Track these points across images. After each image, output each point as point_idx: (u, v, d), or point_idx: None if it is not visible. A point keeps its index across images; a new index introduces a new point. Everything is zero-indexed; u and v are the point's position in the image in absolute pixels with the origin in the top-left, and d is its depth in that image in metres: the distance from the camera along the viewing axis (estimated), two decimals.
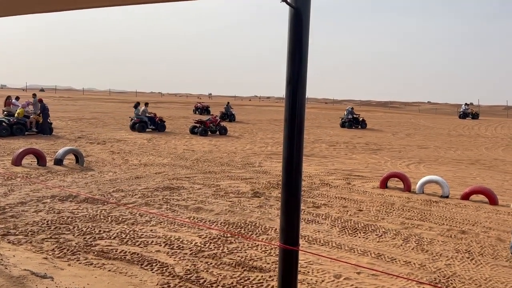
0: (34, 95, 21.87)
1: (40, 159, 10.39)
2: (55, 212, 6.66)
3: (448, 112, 61.82)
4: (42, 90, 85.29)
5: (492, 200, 8.77)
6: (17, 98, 19.56)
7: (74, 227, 6.05)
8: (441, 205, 8.53)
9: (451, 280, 4.96)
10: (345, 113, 29.69)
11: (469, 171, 13.69)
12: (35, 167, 10.09)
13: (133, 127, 20.48)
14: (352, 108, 30.76)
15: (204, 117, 24.57)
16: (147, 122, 20.63)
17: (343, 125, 28.81)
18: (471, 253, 5.87)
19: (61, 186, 8.49)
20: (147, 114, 21.07)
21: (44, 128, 17.12)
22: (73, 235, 5.73)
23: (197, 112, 36.15)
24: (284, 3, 2.51)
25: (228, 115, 29.93)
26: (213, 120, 21.07)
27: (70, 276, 4.42)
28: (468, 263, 5.51)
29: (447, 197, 9.16)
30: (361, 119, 29.24)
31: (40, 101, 17.98)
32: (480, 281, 4.96)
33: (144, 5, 3.10)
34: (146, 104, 22.38)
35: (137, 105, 21.73)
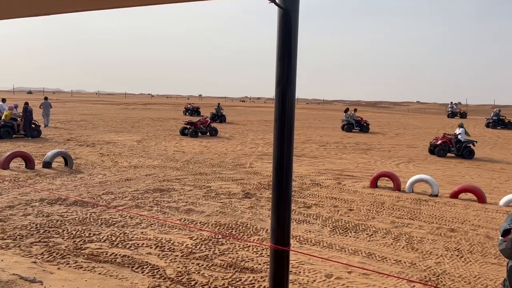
0: (46, 98, 21.99)
1: (28, 162, 10.28)
2: (44, 216, 6.59)
3: (437, 111, 62.39)
4: (30, 92, 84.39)
5: (481, 198, 8.87)
6: (4, 100, 19.29)
7: (64, 230, 5.99)
8: (431, 203, 8.60)
9: (441, 278, 5.00)
10: (491, 115, 33.19)
11: (458, 169, 13.84)
12: (23, 170, 9.98)
13: (343, 128, 26.04)
14: (499, 111, 33.35)
15: (195, 118, 24.51)
16: (353, 124, 25.92)
17: (487, 125, 32.09)
18: (461, 251, 5.94)
19: (50, 189, 8.40)
20: (355, 118, 26.34)
21: (26, 131, 16.89)
22: (63, 238, 5.68)
23: (187, 114, 36.02)
24: (273, 4, 2.51)
25: (218, 116, 29.88)
26: (203, 121, 21.02)
27: (60, 280, 4.38)
28: (458, 261, 5.57)
29: (436, 195, 9.25)
30: (507, 121, 32.05)
31: (25, 103, 17.76)
32: (469, 279, 5.01)
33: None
34: (355, 110, 28.05)
35: (346, 110, 27.10)
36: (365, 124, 26.40)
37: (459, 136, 17.02)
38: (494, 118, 32.28)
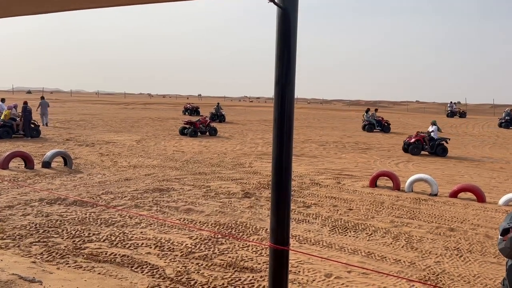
0: (43, 98, 22.24)
1: (28, 162, 10.27)
2: (44, 216, 6.58)
3: (436, 111, 62.39)
4: (29, 92, 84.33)
5: (480, 197, 8.88)
6: (3, 100, 19.26)
7: (63, 230, 5.99)
8: (430, 203, 8.61)
9: (440, 277, 5.01)
10: (503, 114, 33.49)
11: (457, 169, 13.84)
12: (23, 170, 9.97)
13: (364, 128, 26.53)
14: (511, 110, 33.64)
15: (194, 118, 24.50)
16: (375, 124, 26.49)
17: (500, 125, 32.30)
18: (460, 250, 5.94)
19: (49, 189, 8.40)
20: (375, 118, 26.80)
21: (25, 131, 16.87)
22: (62, 238, 5.68)
23: (186, 113, 35.99)
24: (272, 3, 2.51)
25: (218, 116, 29.87)
26: (202, 121, 21.00)
27: (59, 280, 4.37)
28: (457, 260, 5.57)
29: (435, 195, 9.25)
30: None
31: (25, 103, 17.73)
32: (469, 278, 5.01)
33: (131, 6, 3.07)
34: (376, 110, 28.63)
35: (367, 111, 27.68)
36: (386, 124, 26.71)
37: (432, 134, 17.06)
38: (506, 118, 32.64)
